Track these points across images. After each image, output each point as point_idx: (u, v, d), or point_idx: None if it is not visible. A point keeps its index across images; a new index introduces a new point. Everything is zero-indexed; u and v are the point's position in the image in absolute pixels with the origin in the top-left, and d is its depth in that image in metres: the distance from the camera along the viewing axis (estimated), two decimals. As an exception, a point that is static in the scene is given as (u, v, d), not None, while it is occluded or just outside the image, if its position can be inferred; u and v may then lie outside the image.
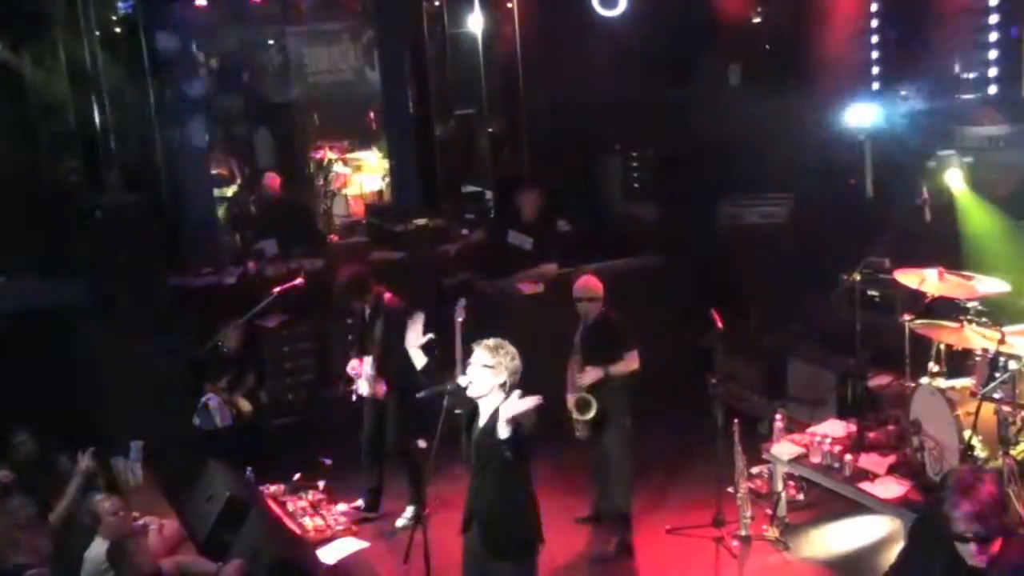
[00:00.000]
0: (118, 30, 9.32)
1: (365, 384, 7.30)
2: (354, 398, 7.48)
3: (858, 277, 7.14)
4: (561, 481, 7.25)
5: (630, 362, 6.67)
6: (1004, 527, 3.59)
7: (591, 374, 6.60)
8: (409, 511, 7.22)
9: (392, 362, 7.18)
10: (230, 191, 12.31)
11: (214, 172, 11.71)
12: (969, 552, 3.59)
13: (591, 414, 6.57)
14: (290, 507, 7.50)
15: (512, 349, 5.04)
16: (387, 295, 7.34)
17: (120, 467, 7.15)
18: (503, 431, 4.76)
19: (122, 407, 7.77)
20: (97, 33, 9.27)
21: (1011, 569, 3.52)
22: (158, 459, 7.35)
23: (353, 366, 7.38)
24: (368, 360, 7.24)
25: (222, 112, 12.23)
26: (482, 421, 5.01)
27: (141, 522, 5.86)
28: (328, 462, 8.15)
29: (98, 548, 5.50)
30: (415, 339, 6.86)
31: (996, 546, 3.58)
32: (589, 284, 6.80)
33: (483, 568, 5.11)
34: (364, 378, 7.29)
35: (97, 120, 9.24)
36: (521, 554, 5.09)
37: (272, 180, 11.68)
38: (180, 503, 6.93)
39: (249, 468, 7.78)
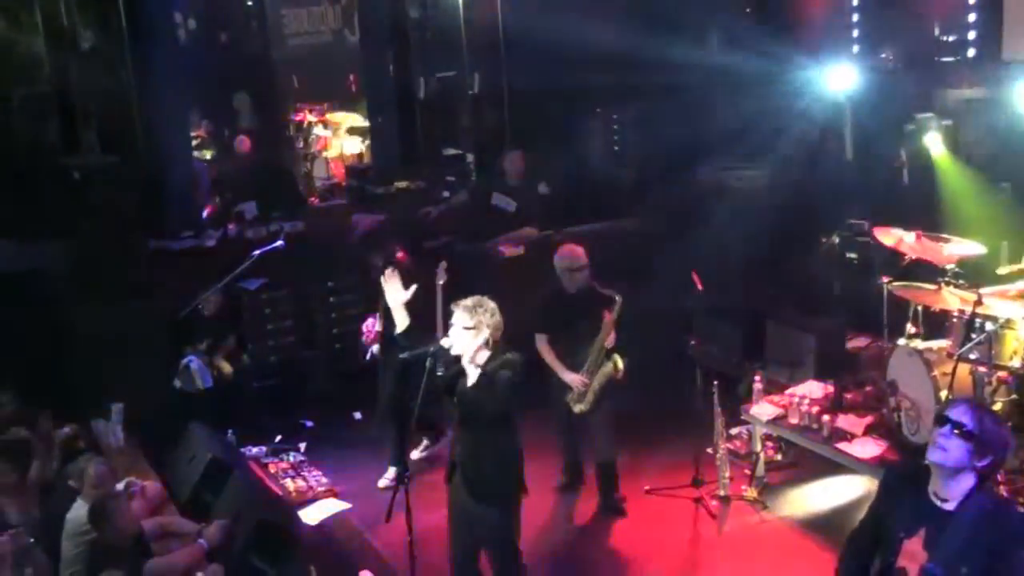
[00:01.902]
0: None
1: (377, 346, 7.30)
2: (368, 357, 7.48)
3: (837, 240, 7.15)
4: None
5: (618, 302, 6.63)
6: (981, 447, 3.46)
7: (612, 336, 6.53)
8: (391, 471, 7.23)
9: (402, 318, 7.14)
10: (208, 154, 12.20)
11: (193, 135, 11.58)
12: (933, 440, 3.49)
13: (622, 367, 6.55)
14: (271, 469, 7.49)
15: (491, 305, 5.05)
16: (400, 253, 7.34)
17: (101, 429, 7.10)
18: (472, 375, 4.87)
19: (102, 370, 7.71)
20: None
21: (977, 512, 3.44)
22: (139, 421, 7.30)
23: (368, 326, 7.37)
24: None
25: (200, 74, 12.07)
26: (470, 380, 5.04)
27: (122, 483, 5.82)
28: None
29: (79, 509, 5.46)
30: (398, 297, 6.79)
31: (968, 484, 3.49)
32: (575, 253, 6.68)
33: (468, 517, 5.16)
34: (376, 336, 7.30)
35: (73, 80, 9.09)
36: (505, 503, 5.14)
37: (243, 143, 11.64)
38: (162, 465, 6.89)
39: (231, 430, 7.79)
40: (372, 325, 7.34)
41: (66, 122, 9.03)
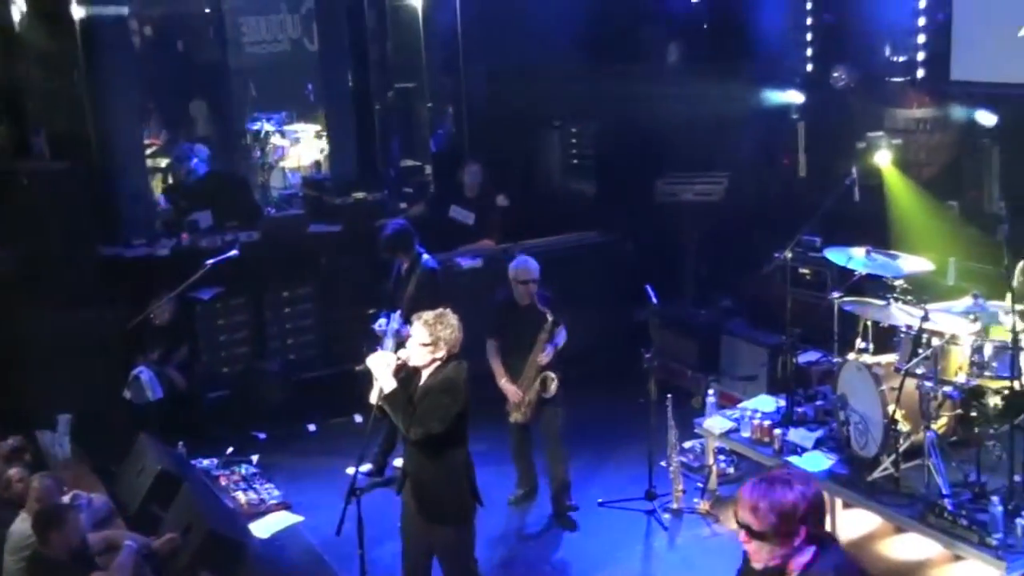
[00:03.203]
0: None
1: (391, 343, 7.24)
2: (360, 367, 7.41)
3: (789, 255, 7.24)
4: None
5: (562, 335, 6.77)
6: (779, 536, 3.28)
7: (550, 352, 6.66)
8: (367, 466, 7.24)
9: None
10: (164, 162, 12.08)
11: (147, 142, 11.47)
12: (745, 545, 3.35)
13: (553, 390, 6.64)
14: (223, 481, 7.43)
15: (452, 320, 5.06)
16: (426, 255, 7.37)
17: (47, 441, 7.00)
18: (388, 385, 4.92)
19: (49, 380, 7.59)
20: (25, -3, 9.01)
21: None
22: (87, 433, 7.20)
23: (380, 324, 7.35)
24: (396, 315, 7.24)
25: (156, 81, 11.97)
26: (421, 381, 5.06)
27: (68, 496, 5.74)
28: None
29: (23, 523, 5.39)
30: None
31: (805, 557, 3.31)
32: (530, 266, 6.79)
33: (423, 530, 5.16)
34: (389, 335, 7.24)
35: (24, 85, 8.97)
36: (458, 517, 5.14)
37: (201, 151, 11.58)
38: (109, 477, 6.82)
39: (181, 442, 7.71)
40: (385, 324, 7.29)
41: (15, 127, 8.90)
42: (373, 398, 5.05)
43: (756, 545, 3.34)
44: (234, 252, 8.08)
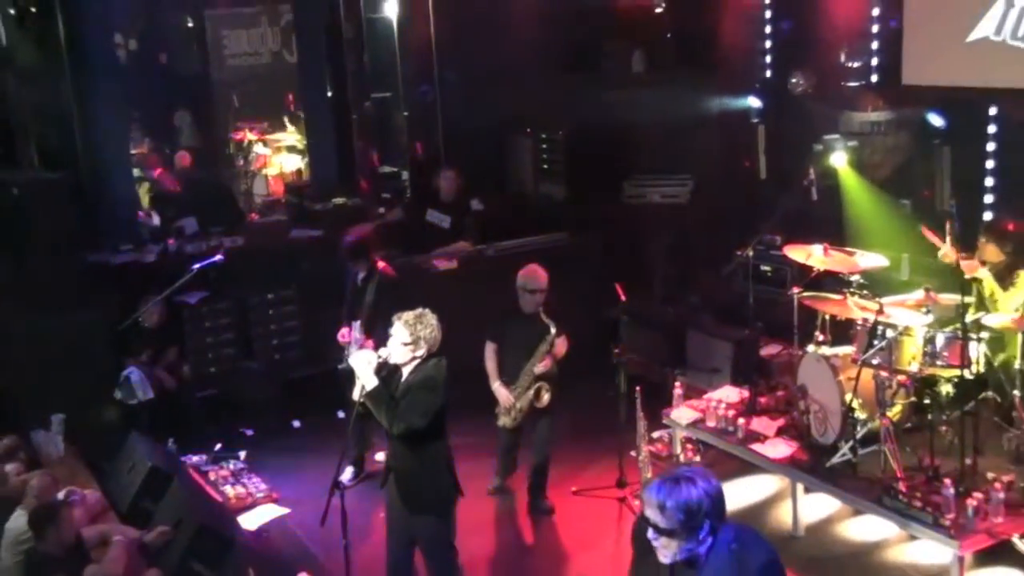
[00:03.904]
0: (33, 8, 9.01)
1: (355, 346, 7.25)
2: (343, 365, 7.44)
3: (751, 253, 7.34)
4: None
5: (562, 346, 6.66)
6: (700, 530, 3.35)
7: (547, 363, 6.59)
8: (349, 471, 7.28)
9: (380, 327, 7.12)
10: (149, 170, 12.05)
11: (134, 152, 11.45)
12: (654, 543, 3.40)
13: (546, 401, 6.59)
14: (212, 476, 7.43)
15: (432, 319, 5.10)
16: (381, 263, 7.35)
17: (41, 440, 6.99)
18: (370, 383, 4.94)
19: (42, 382, 7.58)
20: (12, 11, 8.97)
21: (727, 553, 3.36)
22: (79, 432, 7.20)
23: (343, 334, 7.34)
24: (357, 324, 7.24)
25: (141, 93, 11.94)
26: (402, 378, 5.10)
27: (63, 493, 5.75)
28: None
29: (19, 519, 5.40)
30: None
31: (707, 543, 3.38)
32: (539, 275, 6.64)
33: (406, 522, 5.22)
34: (353, 343, 7.25)
35: (12, 97, 8.95)
36: (440, 508, 5.20)
37: (183, 158, 11.59)
38: (102, 474, 6.81)
39: (171, 439, 7.72)
40: (347, 334, 7.32)
41: (5, 138, 8.87)
42: (356, 396, 5.10)
43: (664, 541, 3.40)
44: (219, 257, 8.09)
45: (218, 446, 7.83)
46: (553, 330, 6.55)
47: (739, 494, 6.91)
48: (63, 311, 7.81)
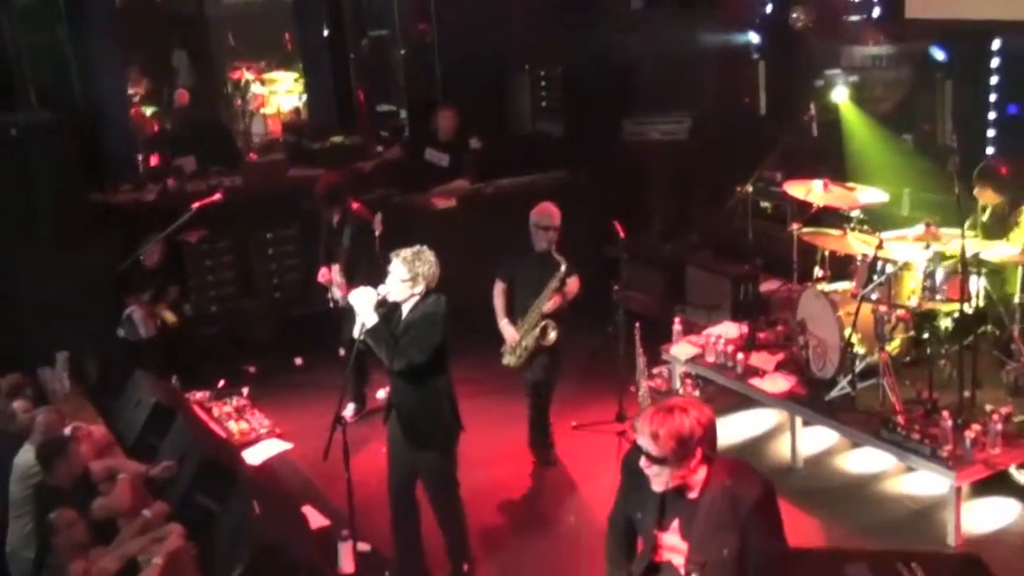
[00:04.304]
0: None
1: (337, 291, 7.23)
2: (331, 305, 7.42)
3: (751, 189, 7.25)
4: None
5: (574, 286, 6.49)
6: (692, 459, 3.38)
7: (556, 301, 6.39)
8: (350, 408, 7.26)
9: (358, 269, 7.08)
10: (148, 111, 11.90)
11: (132, 92, 11.29)
12: (647, 471, 3.42)
13: (552, 339, 6.38)
14: (215, 412, 7.44)
15: (430, 256, 5.05)
16: (355, 205, 7.27)
17: (47, 377, 6.97)
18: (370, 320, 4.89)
19: (46, 321, 7.55)
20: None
21: (720, 492, 3.40)
22: (84, 369, 7.18)
23: (323, 274, 7.31)
24: (336, 268, 7.20)
25: (137, 33, 11.74)
26: (403, 316, 5.06)
27: (69, 428, 5.74)
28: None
29: (27, 453, 5.39)
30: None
31: (701, 475, 3.44)
32: (552, 212, 6.42)
33: (408, 456, 5.21)
34: (335, 284, 7.22)
35: (9, 38, 8.78)
36: (442, 443, 5.19)
37: (181, 96, 11.45)
38: (107, 411, 6.80)
39: (175, 376, 7.70)
40: (327, 273, 7.26)
41: (3, 79, 8.72)
42: (356, 333, 5.05)
43: (657, 469, 3.42)
44: (218, 196, 8.01)
45: (221, 383, 7.82)
46: (563, 267, 6.36)
47: (738, 428, 6.90)
48: (65, 250, 7.75)
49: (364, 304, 4.95)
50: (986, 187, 6.40)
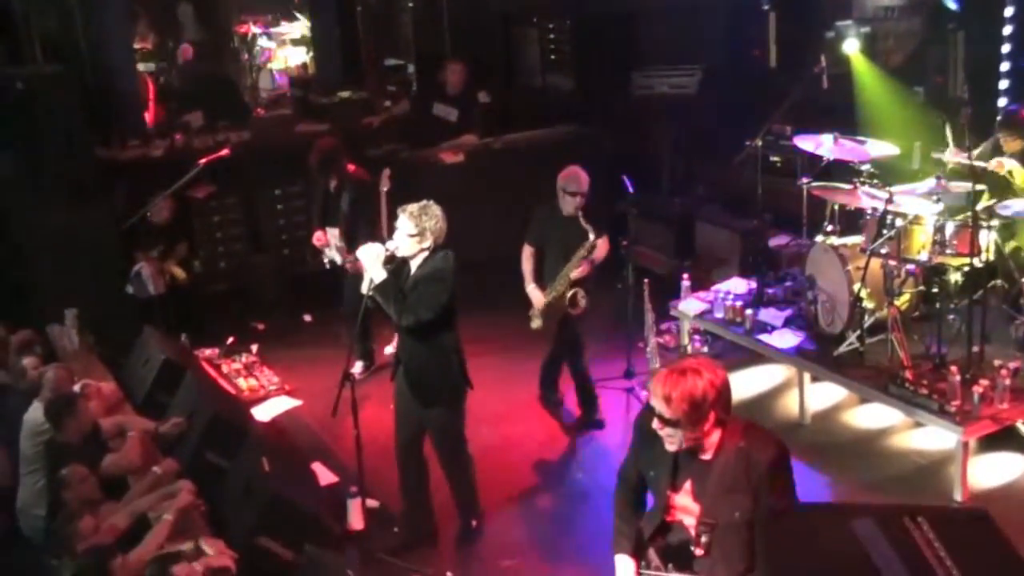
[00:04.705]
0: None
1: (335, 253, 7.18)
2: (327, 266, 7.39)
3: (760, 143, 7.15)
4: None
5: (602, 250, 6.36)
6: (705, 421, 3.36)
7: (585, 268, 6.26)
8: (359, 365, 7.24)
9: (359, 232, 7.03)
10: (154, 65, 11.79)
11: (138, 47, 11.19)
12: (660, 432, 3.41)
13: (582, 306, 6.27)
14: (224, 369, 7.44)
15: (436, 210, 5.01)
16: (352, 167, 7.19)
17: (56, 334, 6.96)
18: (378, 276, 4.87)
19: (55, 277, 7.53)
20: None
21: (734, 454, 3.37)
22: (93, 326, 7.17)
23: (318, 237, 7.27)
24: (334, 232, 7.14)
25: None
26: (411, 272, 5.03)
27: (78, 385, 5.74)
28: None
29: (37, 410, 5.40)
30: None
31: (715, 437, 3.42)
32: (580, 177, 6.22)
33: (416, 413, 5.21)
34: (332, 247, 7.18)
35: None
36: (450, 399, 5.18)
37: (185, 51, 11.35)
38: (117, 368, 6.80)
39: (184, 334, 7.70)
40: (323, 237, 7.24)
41: (8, 33, 8.63)
42: (364, 289, 5.02)
43: (670, 431, 3.39)
44: (226, 151, 7.95)
45: (230, 340, 7.81)
46: (592, 235, 6.19)
47: (746, 384, 6.88)
48: (72, 207, 7.71)
49: (372, 260, 4.91)
50: (1012, 134, 6.29)
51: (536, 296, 6.40)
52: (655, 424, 3.42)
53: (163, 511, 4.73)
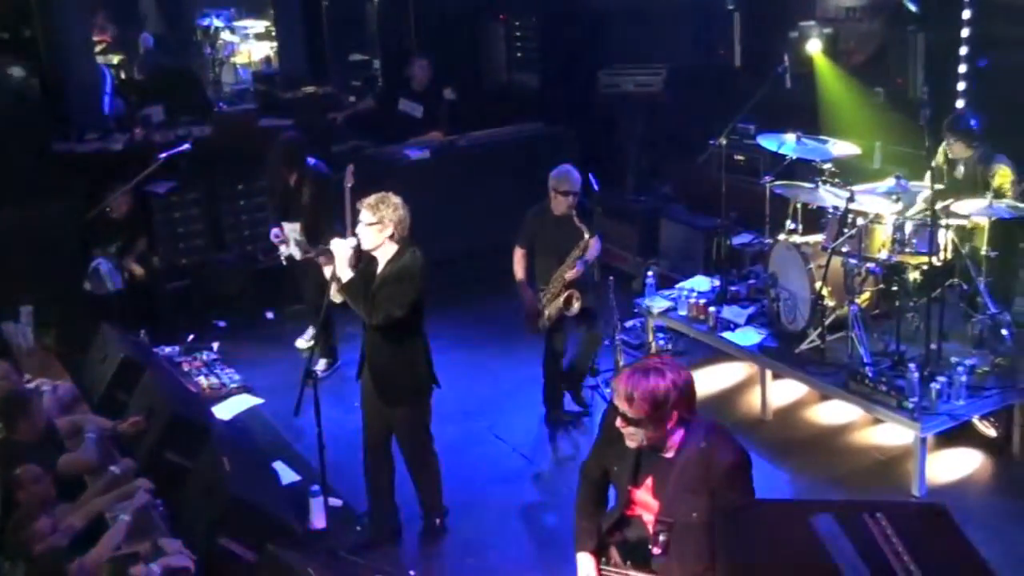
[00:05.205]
0: None
1: (295, 248, 7.13)
2: (284, 262, 7.34)
3: (724, 142, 7.19)
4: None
5: (594, 249, 6.29)
6: (668, 419, 3.38)
7: (579, 269, 6.18)
8: (322, 363, 7.21)
9: (320, 227, 6.98)
10: (116, 58, 11.64)
11: (97, 39, 11.02)
12: (623, 431, 3.42)
13: (576, 309, 6.18)
14: (185, 367, 7.35)
15: (395, 200, 4.99)
16: (312, 161, 7.16)
17: (10, 331, 6.85)
18: (345, 275, 4.86)
19: (10, 273, 7.39)
20: None
21: (696, 454, 3.40)
22: (49, 323, 7.06)
23: (276, 234, 7.21)
24: (296, 226, 7.10)
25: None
26: (379, 270, 5.00)
27: (33, 384, 5.65)
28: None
29: (-11, 410, 5.29)
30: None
31: (678, 435, 3.44)
32: (571, 176, 6.11)
33: (382, 411, 5.19)
34: (292, 243, 7.13)
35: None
36: (416, 398, 5.16)
37: (146, 40, 11.24)
38: (74, 366, 6.70)
39: (143, 331, 7.59)
40: (280, 233, 7.19)
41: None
42: (334, 296, 4.99)
43: (632, 430, 3.41)
44: (187, 146, 7.86)
45: (191, 337, 7.73)
46: (587, 235, 6.09)
47: (709, 381, 6.91)
48: (29, 202, 7.58)
49: (342, 256, 4.89)
50: (957, 139, 6.37)
51: (528, 300, 6.36)
52: (618, 423, 3.43)
53: (121, 511, 4.67)
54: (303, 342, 7.60)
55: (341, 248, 4.92)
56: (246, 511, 4.89)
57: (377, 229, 4.93)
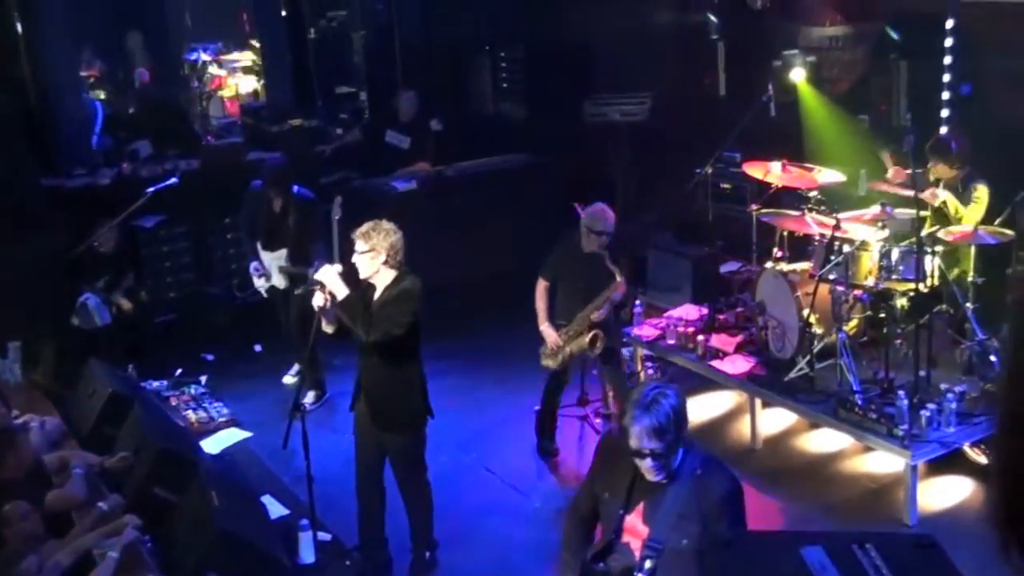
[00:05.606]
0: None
1: (279, 278, 7.17)
2: (265, 295, 7.38)
3: (710, 170, 7.24)
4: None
5: (620, 289, 6.19)
6: (680, 441, 3.44)
7: (606, 311, 6.14)
8: (310, 395, 7.20)
9: (304, 253, 7.00)
10: (103, 93, 11.66)
11: (85, 74, 11.06)
12: (647, 467, 3.44)
13: (599, 349, 6.15)
14: (173, 402, 7.31)
15: (387, 226, 5.04)
16: (296, 188, 7.20)
17: (-2, 368, 6.81)
18: (341, 292, 4.91)
19: (-3, 309, 7.38)
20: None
21: (690, 481, 3.42)
22: (37, 359, 7.02)
23: (256, 267, 7.25)
24: (280, 254, 7.13)
25: (90, 13, 11.48)
26: (376, 296, 5.04)
27: (21, 420, 5.60)
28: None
29: (-24, 447, 5.25)
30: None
31: (675, 461, 3.48)
32: (607, 216, 6.08)
33: (376, 438, 5.17)
34: (274, 272, 7.18)
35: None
36: (411, 425, 5.16)
37: (143, 75, 11.27)
38: (61, 401, 6.66)
39: (131, 365, 7.56)
40: (260, 267, 7.23)
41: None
42: (326, 327, 5.01)
43: (663, 463, 3.43)
44: (174, 180, 7.85)
45: (179, 372, 7.69)
46: (619, 278, 6.01)
47: (699, 410, 6.91)
48: (16, 237, 7.56)
49: (332, 278, 4.92)
50: (938, 161, 6.43)
51: (550, 335, 6.26)
52: (647, 463, 3.41)
53: (109, 548, 4.62)
54: (289, 378, 7.59)
55: (328, 274, 4.95)
56: (235, 546, 4.85)
57: (370, 257, 4.98)
